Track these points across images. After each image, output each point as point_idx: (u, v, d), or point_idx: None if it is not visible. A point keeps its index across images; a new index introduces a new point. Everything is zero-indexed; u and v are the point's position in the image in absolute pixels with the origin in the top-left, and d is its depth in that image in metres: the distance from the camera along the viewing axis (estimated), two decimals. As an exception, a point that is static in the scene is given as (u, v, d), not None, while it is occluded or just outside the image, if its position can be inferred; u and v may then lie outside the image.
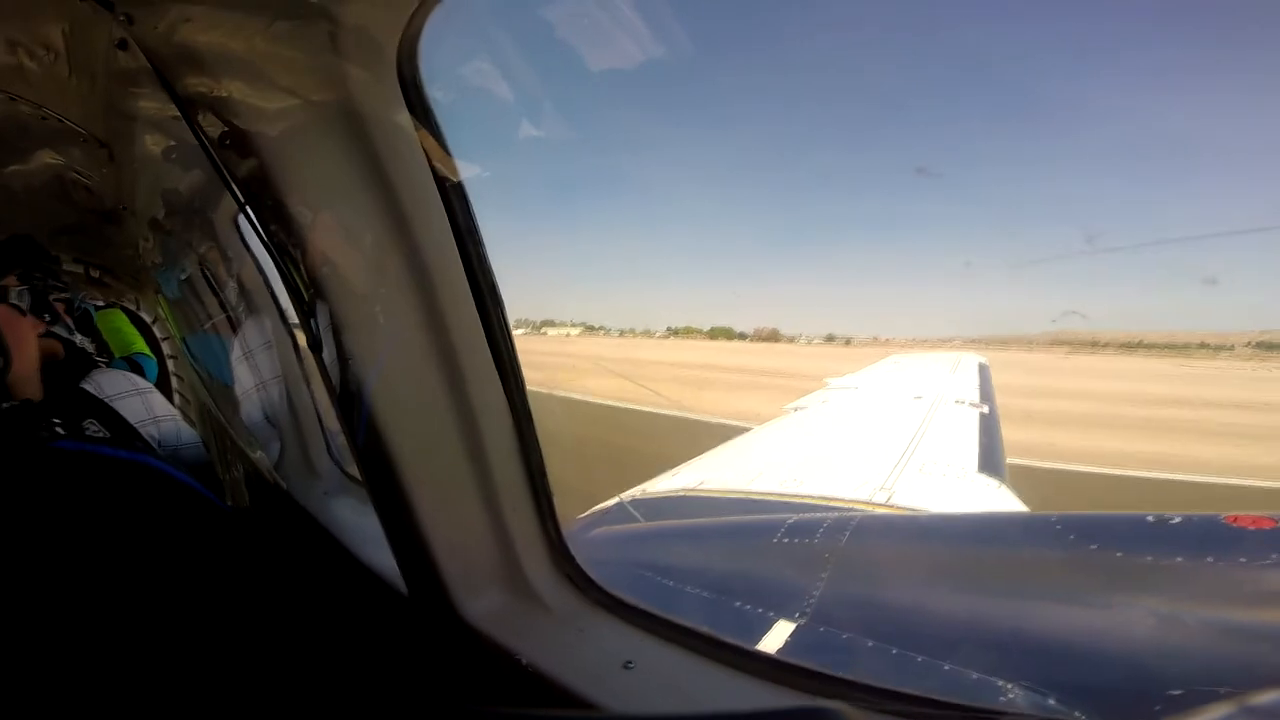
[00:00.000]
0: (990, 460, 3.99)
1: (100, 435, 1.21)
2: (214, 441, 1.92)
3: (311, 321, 0.92)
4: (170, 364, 3.84)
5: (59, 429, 1.15)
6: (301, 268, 0.89)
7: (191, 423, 1.85)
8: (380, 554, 1.14)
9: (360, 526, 1.35)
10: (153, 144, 1.49)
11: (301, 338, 1.38)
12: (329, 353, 0.91)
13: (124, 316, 3.44)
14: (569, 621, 1.04)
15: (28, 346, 1.24)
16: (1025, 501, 3.34)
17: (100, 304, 3.45)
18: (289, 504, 1.65)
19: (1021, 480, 3.89)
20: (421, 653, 1.13)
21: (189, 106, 0.94)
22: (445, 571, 0.99)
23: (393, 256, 0.88)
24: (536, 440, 1.03)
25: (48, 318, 1.48)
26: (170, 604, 1.02)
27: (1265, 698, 0.41)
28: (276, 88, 0.86)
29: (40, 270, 1.46)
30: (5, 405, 1.19)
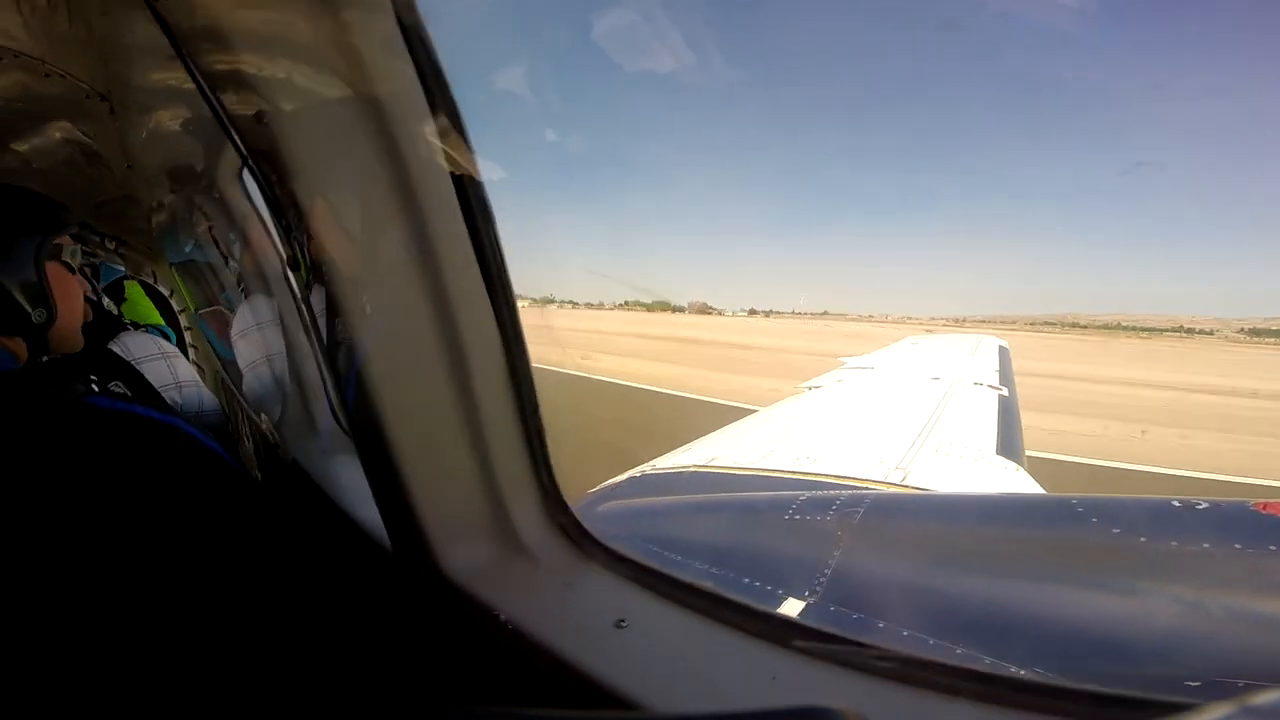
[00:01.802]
0: (1009, 443, 3.92)
1: (122, 392, 1.22)
2: (229, 408, 1.92)
3: (303, 271, 0.89)
4: (187, 335, 3.86)
5: (94, 385, 1.16)
6: (297, 217, 0.86)
7: (218, 392, 1.86)
8: (373, 512, 1.11)
9: (354, 483, 1.32)
10: (154, 98, 1.46)
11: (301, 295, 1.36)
12: (317, 300, 0.88)
13: (139, 289, 3.45)
14: (558, 574, 0.99)
15: (74, 306, 1.24)
16: (1044, 486, 3.30)
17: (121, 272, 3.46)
18: (293, 466, 1.64)
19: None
20: (403, 610, 1.10)
21: (189, 55, 0.91)
22: (426, 523, 0.94)
23: (390, 204, 0.83)
24: (532, 382, 0.98)
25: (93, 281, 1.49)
26: (187, 570, 1.01)
27: (1265, 698, 0.39)
28: (281, 41, 0.83)
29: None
30: (44, 359, 1.19)
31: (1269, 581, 1.53)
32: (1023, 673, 1.38)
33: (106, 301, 2.45)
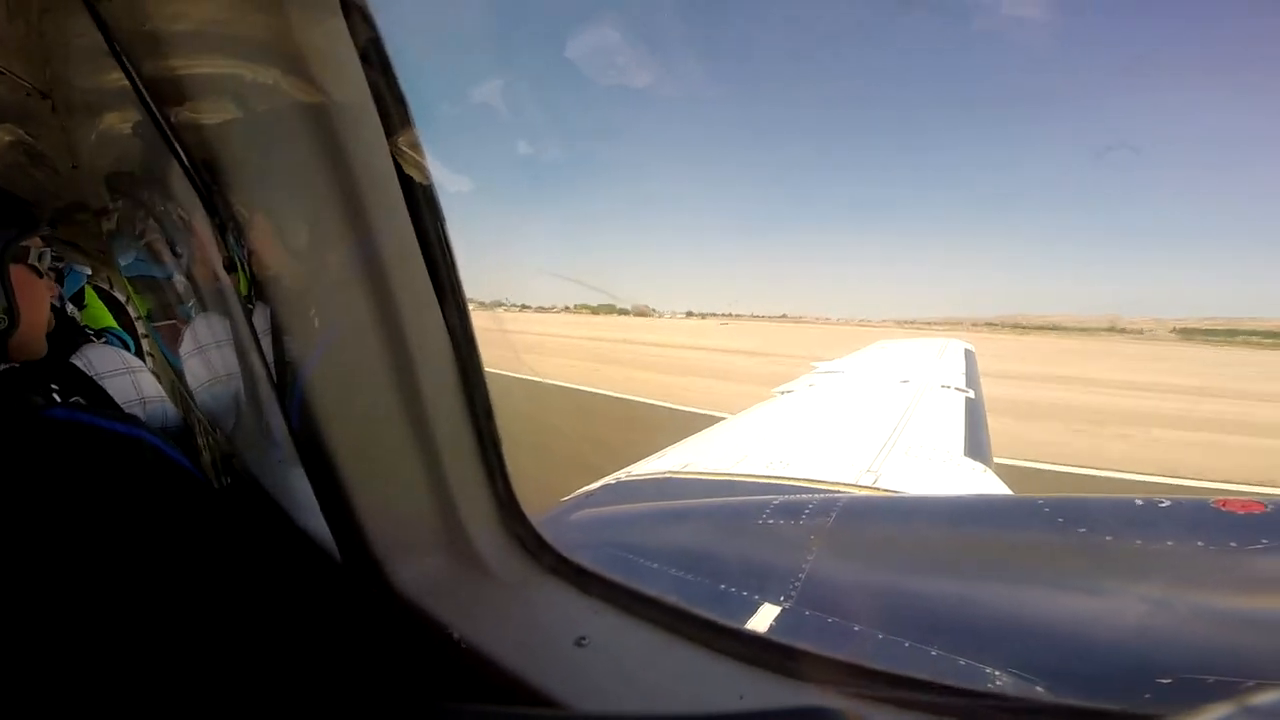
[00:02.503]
0: (976, 445, 3.98)
1: (82, 403, 1.16)
2: (188, 418, 1.85)
3: (243, 278, 0.84)
4: (144, 343, 3.74)
5: (54, 396, 1.09)
6: (236, 223, 0.82)
7: (176, 403, 1.78)
8: (314, 520, 1.05)
9: (307, 495, 1.27)
10: (97, 98, 1.39)
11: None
12: (262, 309, 0.83)
13: (94, 293, 3.33)
14: (515, 590, 0.94)
15: (39, 311, 1.19)
16: (1010, 487, 3.35)
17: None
18: (248, 477, 1.58)
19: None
20: (353, 625, 1.05)
21: (127, 57, 0.86)
22: (374, 535, 0.89)
23: (334, 208, 0.79)
24: (485, 389, 0.94)
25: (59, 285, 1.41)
26: (144, 584, 0.96)
27: (1265, 698, 0.37)
28: (222, 44, 0.79)
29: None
30: (4, 367, 1.13)
31: (1232, 578, 1.56)
32: (1000, 682, 1.39)
33: (70, 309, 2.34)
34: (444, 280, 0.85)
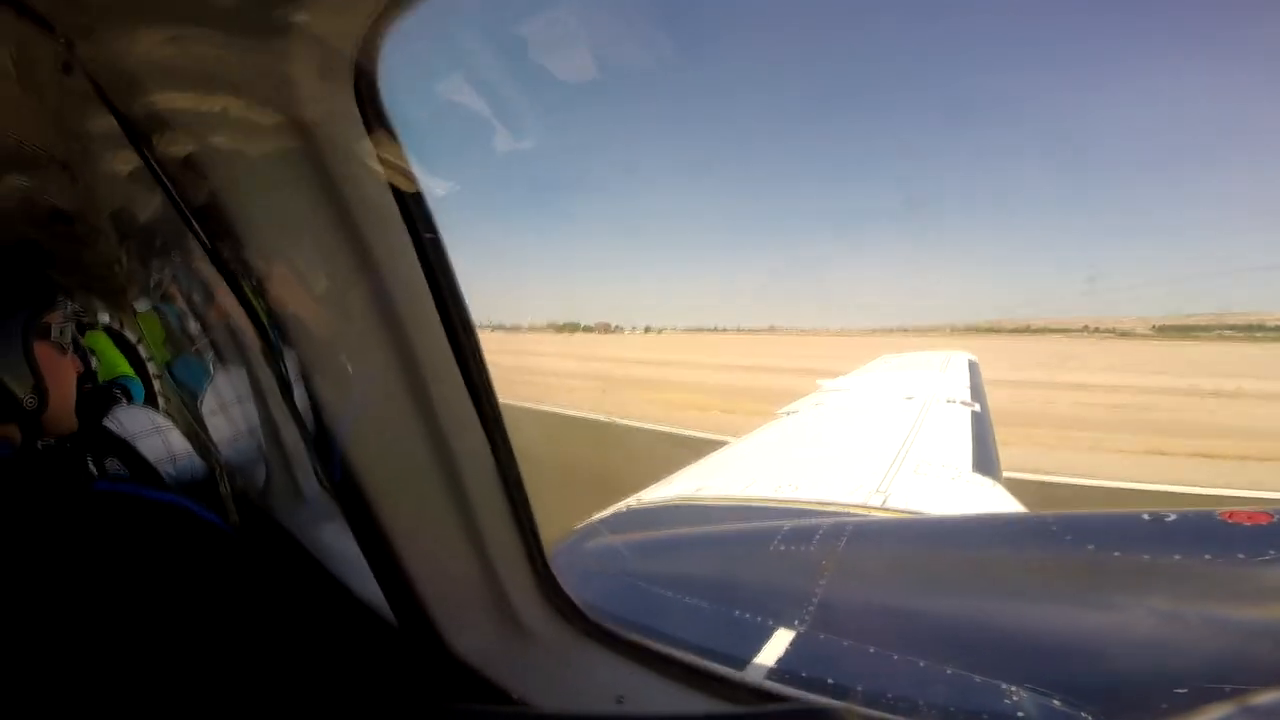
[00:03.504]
0: (984, 459, 3.99)
1: (124, 474, 1.20)
2: (210, 465, 1.90)
3: (275, 344, 0.89)
4: (156, 384, 3.78)
5: (93, 468, 1.14)
6: (261, 294, 0.87)
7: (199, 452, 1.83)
8: (369, 584, 1.11)
9: (348, 555, 1.32)
10: (112, 163, 1.46)
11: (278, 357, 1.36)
12: (296, 382, 0.88)
13: (107, 339, 3.38)
14: (559, 654, 1.02)
15: (66, 388, 1.21)
16: (1021, 501, 3.36)
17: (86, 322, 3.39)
18: (282, 534, 1.62)
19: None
20: (412, 686, 1.10)
21: (138, 131, 0.91)
22: (432, 604, 0.96)
23: (355, 281, 0.85)
24: (516, 467, 1.01)
25: (86, 356, 1.45)
26: (200, 649, 0.98)
27: (1265, 698, 0.40)
28: (230, 113, 0.84)
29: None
30: (40, 444, 1.15)
31: (1242, 590, 1.58)
32: (1018, 697, 1.41)
33: (95, 363, 2.39)
34: (465, 350, 0.92)
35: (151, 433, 1.57)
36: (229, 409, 1.84)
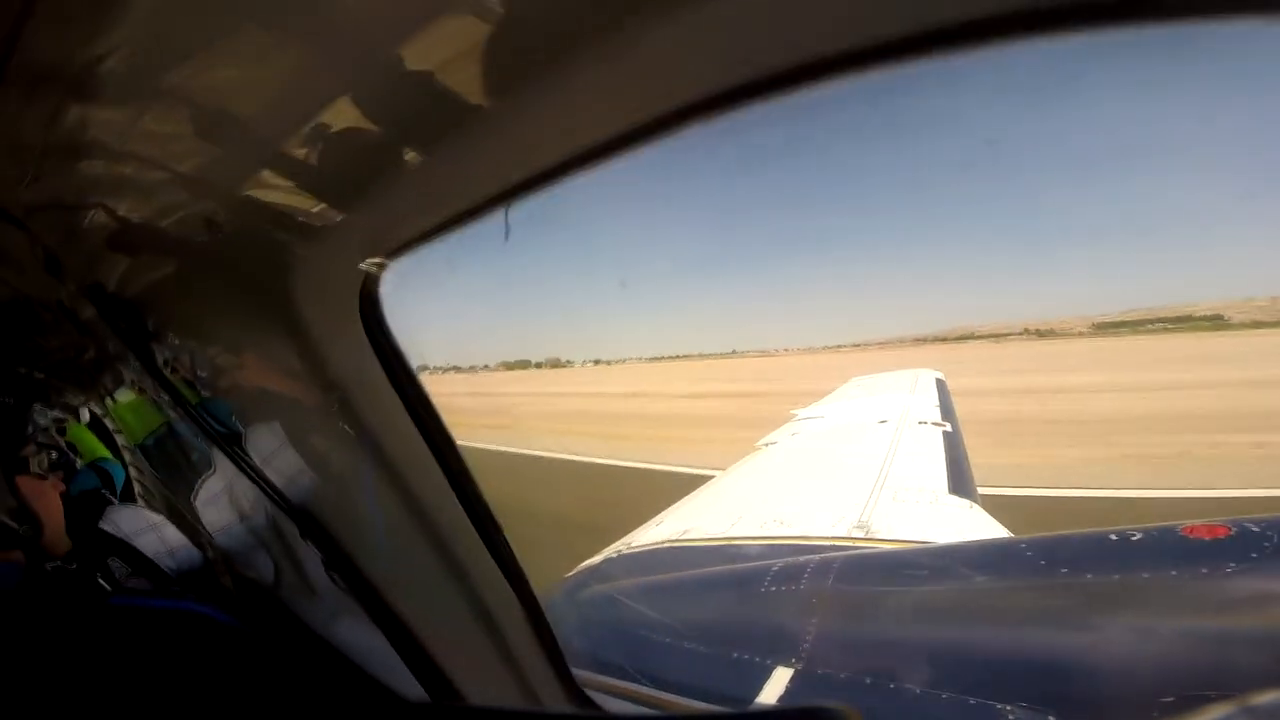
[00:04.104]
0: (959, 480, 4.07)
1: (138, 586, 1.23)
2: (201, 547, 1.90)
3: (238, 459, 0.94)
4: (132, 466, 3.71)
5: (103, 583, 1.18)
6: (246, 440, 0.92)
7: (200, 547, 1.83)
8: (396, 675, 1.14)
9: (372, 647, 1.35)
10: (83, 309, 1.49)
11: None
12: (286, 483, 0.92)
13: (83, 428, 3.34)
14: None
15: (54, 510, 1.29)
16: (997, 520, 3.44)
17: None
18: (292, 625, 1.63)
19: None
20: None
21: (110, 307, 0.97)
22: (461, 684, 1.02)
23: (336, 416, 0.91)
24: (506, 542, 1.05)
25: (63, 468, 1.50)
26: None
27: (1265, 698, 0.44)
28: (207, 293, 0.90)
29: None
30: (50, 566, 1.22)
31: (1208, 602, 1.66)
32: (1014, 716, 1.46)
33: (77, 460, 2.38)
34: (464, 488, 0.98)
35: (146, 530, 1.61)
36: (219, 500, 1.85)
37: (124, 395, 2.57)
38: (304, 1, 0.43)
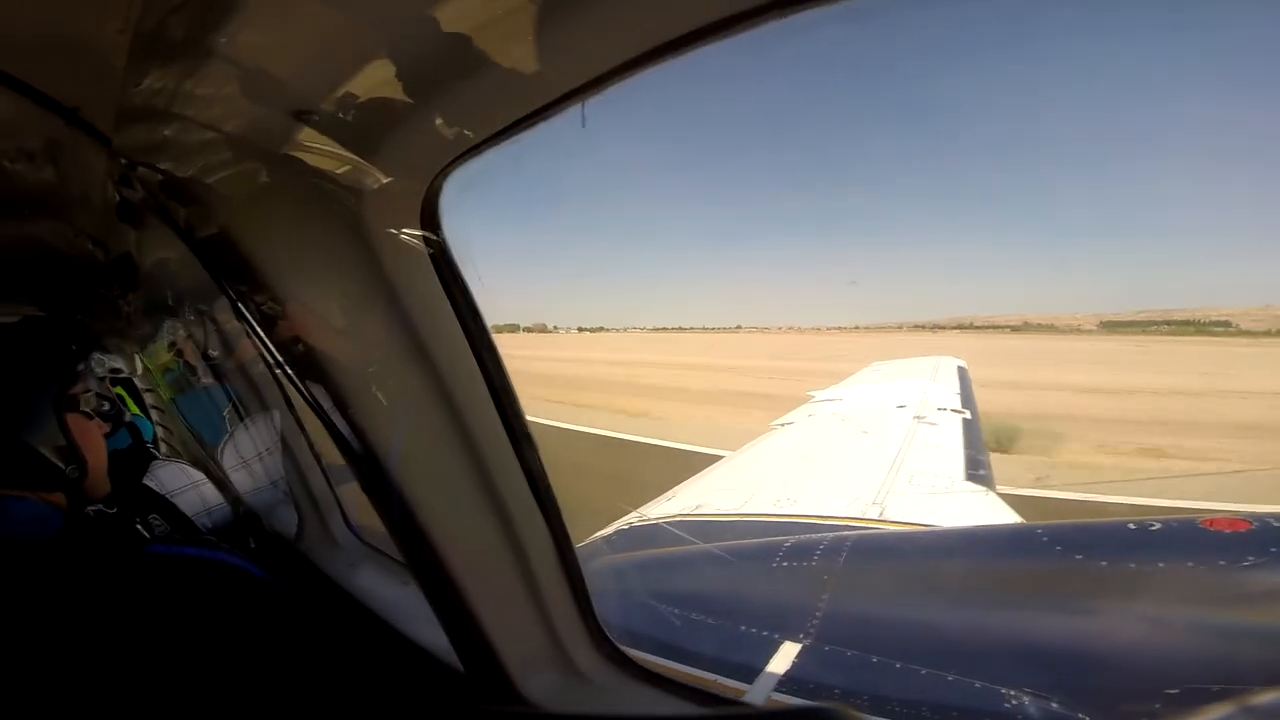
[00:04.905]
0: (976, 467, 4.05)
1: (175, 535, 1.27)
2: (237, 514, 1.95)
3: (307, 394, 0.96)
4: (154, 414, 3.80)
5: (142, 530, 1.21)
6: (295, 345, 0.93)
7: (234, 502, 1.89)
8: (423, 630, 1.18)
9: (397, 600, 1.39)
10: (147, 248, 1.51)
11: (297, 399, 1.42)
12: (349, 437, 0.94)
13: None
14: (614, 697, 1.12)
15: (100, 453, 1.29)
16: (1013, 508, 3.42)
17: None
18: (321, 578, 1.68)
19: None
20: None
21: (190, 234, 0.98)
22: (502, 653, 1.03)
23: (403, 348, 0.92)
24: (558, 508, 1.08)
25: (111, 419, 1.53)
26: (270, 701, 1.02)
27: (1265, 698, 0.44)
28: (278, 218, 0.91)
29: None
30: (91, 510, 1.25)
31: (1224, 595, 1.64)
32: (1017, 701, 1.47)
33: (128, 415, 2.45)
34: (520, 443, 1.01)
35: (189, 488, 1.66)
36: (252, 456, 1.89)
37: (160, 353, 2.63)
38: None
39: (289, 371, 0.99)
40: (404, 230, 0.85)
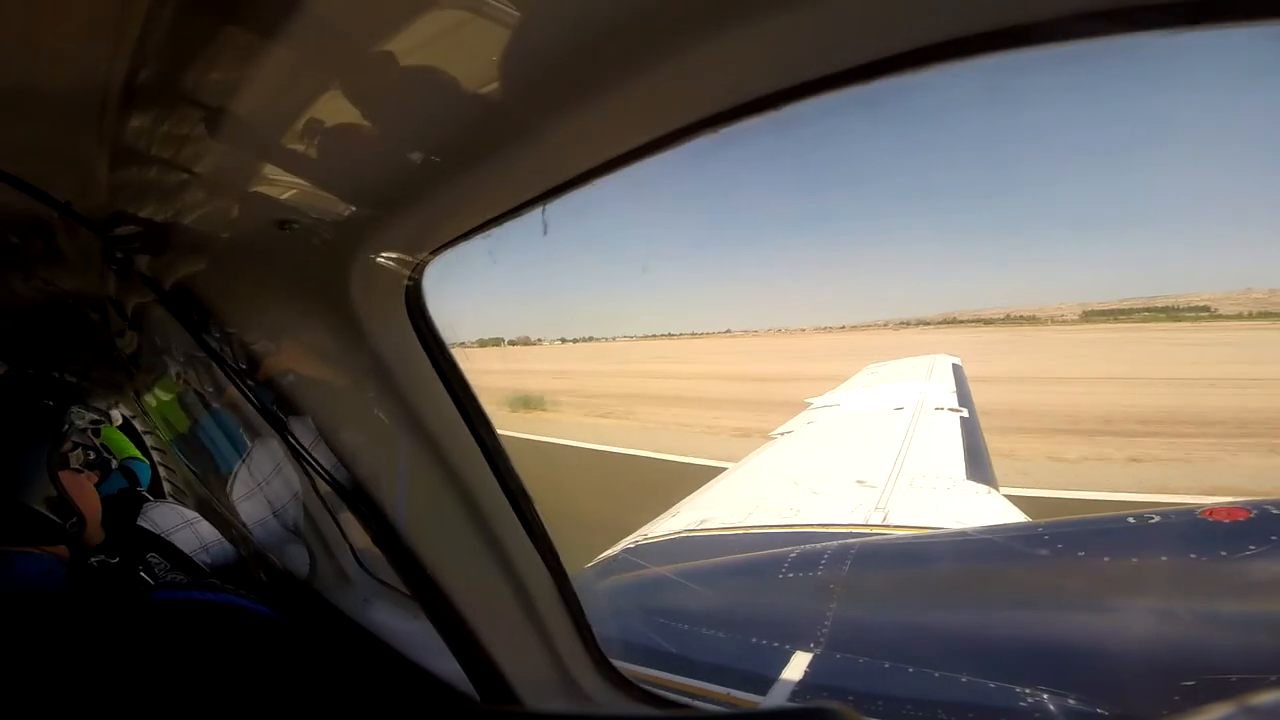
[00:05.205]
0: (976, 466, 4.06)
1: (179, 579, 1.28)
2: (234, 541, 1.96)
3: (292, 442, 0.99)
4: (156, 456, 3.80)
5: (146, 578, 1.23)
6: (304, 413, 0.97)
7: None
8: (437, 661, 1.20)
9: (410, 633, 1.41)
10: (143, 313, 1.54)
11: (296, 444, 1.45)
12: (353, 489, 0.97)
13: (112, 428, 3.42)
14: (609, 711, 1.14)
15: (95, 504, 1.34)
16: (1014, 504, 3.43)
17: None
18: (336, 614, 1.69)
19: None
20: None
21: (176, 303, 1.02)
22: (513, 681, 1.06)
23: (389, 400, 0.96)
24: (556, 553, 1.10)
25: (99, 467, 1.56)
26: None
27: (1266, 698, 0.45)
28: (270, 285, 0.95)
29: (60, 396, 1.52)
30: (94, 560, 1.27)
31: (1228, 586, 1.65)
32: (1033, 699, 1.48)
33: (109, 458, 2.47)
34: (508, 481, 1.04)
35: (182, 526, 1.67)
36: (253, 494, 1.90)
37: (160, 394, 2.64)
38: (345, 45, 0.48)
39: (287, 423, 1.02)
40: (389, 297, 0.89)
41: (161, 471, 3.66)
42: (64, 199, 0.83)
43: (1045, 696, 1.50)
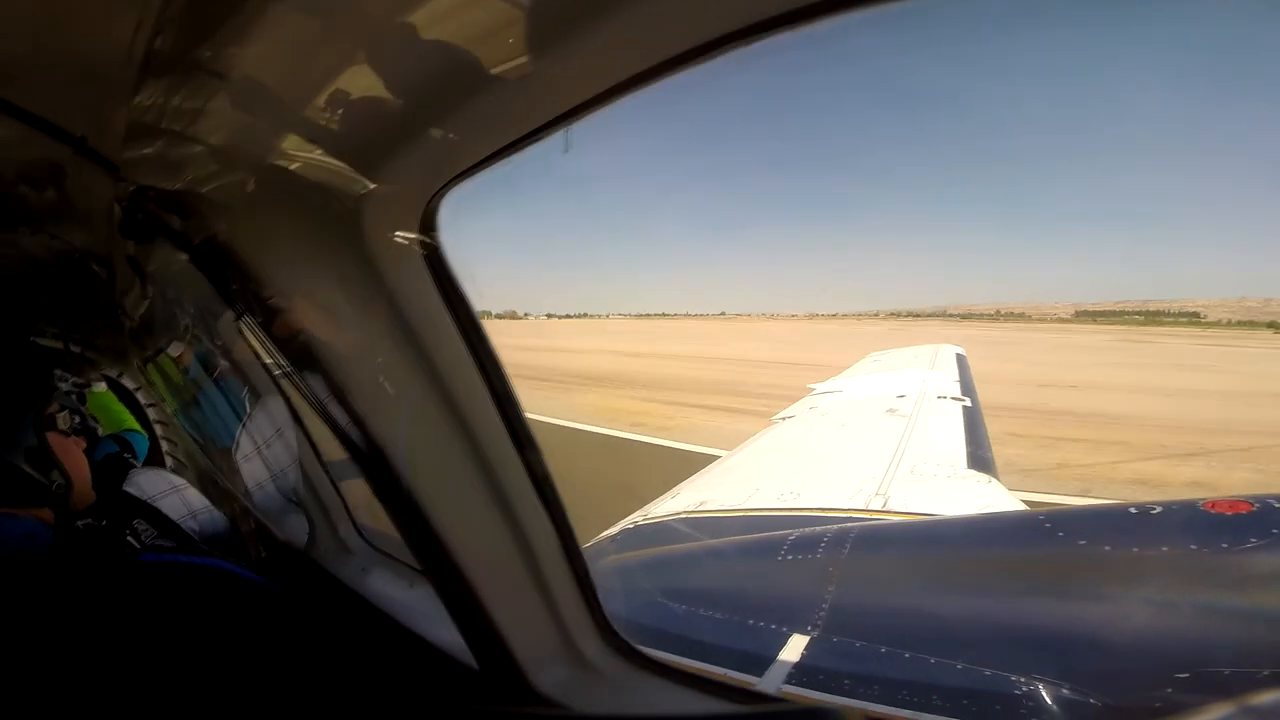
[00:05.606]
0: (977, 455, 4.06)
1: (166, 544, 1.27)
2: (229, 510, 1.96)
3: (312, 397, 0.97)
4: (159, 429, 3.80)
5: (132, 541, 1.23)
6: (316, 372, 0.95)
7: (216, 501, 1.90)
8: (437, 630, 1.19)
9: (409, 602, 1.40)
10: (151, 263, 1.52)
11: (303, 407, 1.43)
12: (358, 447, 0.96)
13: (111, 395, 3.42)
14: (624, 689, 1.13)
15: (82, 466, 1.33)
16: (1014, 493, 3.43)
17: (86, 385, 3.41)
18: (335, 583, 1.69)
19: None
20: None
21: (194, 248, 1.00)
22: (515, 648, 1.05)
23: (405, 357, 0.94)
24: (562, 505, 1.09)
25: (85, 432, 1.55)
26: (273, 704, 1.02)
27: (1266, 698, 0.44)
28: (282, 230, 0.93)
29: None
30: (80, 524, 1.26)
31: (1228, 578, 1.65)
32: (1028, 687, 1.48)
33: (93, 424, 2.46)
34: (525, 447, 1.02)
35: (170, 492, 1.67)
36: (261, 467, 1.90)
37: (165, 360, 2.64)
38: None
39: (295, 381, 1.01)
40: (403, 236, 0.87)
41: (163, 445, 3.67)
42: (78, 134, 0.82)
43: (1040, 685, 1.50)
